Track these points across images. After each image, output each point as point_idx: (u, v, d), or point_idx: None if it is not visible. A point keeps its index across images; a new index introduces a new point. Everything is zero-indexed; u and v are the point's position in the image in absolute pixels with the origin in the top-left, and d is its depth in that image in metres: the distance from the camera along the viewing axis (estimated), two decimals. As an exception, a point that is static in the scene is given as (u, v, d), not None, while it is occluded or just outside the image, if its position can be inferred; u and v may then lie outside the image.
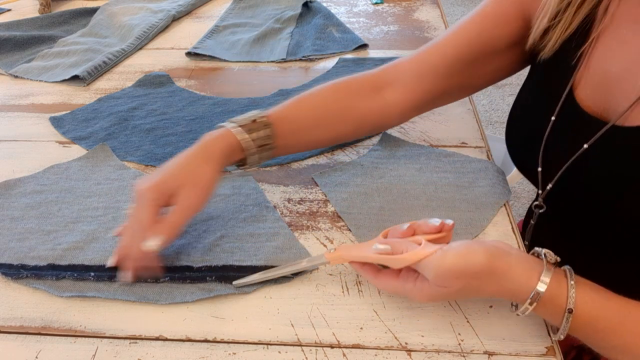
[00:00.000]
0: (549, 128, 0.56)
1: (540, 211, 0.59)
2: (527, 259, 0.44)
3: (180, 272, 0.53)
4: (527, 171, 0.63)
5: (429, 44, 0.65)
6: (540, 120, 0.57)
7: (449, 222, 0.48)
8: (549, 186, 0.57)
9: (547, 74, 0.58)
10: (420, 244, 0.45)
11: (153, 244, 0.48)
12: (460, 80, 0.64)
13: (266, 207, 0.62)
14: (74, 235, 0.58)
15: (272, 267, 0.52)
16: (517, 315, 0.45)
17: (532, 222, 0.63)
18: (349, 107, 0.63)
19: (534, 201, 0.61)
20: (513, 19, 0.58)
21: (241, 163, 0.58)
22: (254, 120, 0.57)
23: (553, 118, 0.56)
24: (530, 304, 0.43)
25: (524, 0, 0.57)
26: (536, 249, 0.46)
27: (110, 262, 0.52)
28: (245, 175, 0.64)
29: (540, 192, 0.59)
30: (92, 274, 0.52)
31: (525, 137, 0.62)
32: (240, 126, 0.56)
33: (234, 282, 0.51)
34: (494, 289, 0.44)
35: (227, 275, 0.52)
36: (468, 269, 0.42)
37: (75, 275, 0.52)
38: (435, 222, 0.47)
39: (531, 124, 0.60)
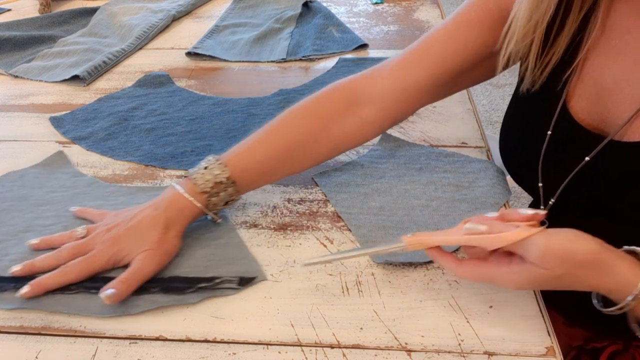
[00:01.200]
0: (545, 143, 0.55)
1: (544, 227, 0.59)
2: (628, 256, 0.43)
3: None
4: (526, 185, 0.62)
5: (412, 50, 0.61)
6: (535, 135, 0.56)
7: (542, 212, 0.45)
8: (551, 201, 0.56)
9: (538, 87, 0.56)
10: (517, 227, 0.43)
11: (112, 296, 0.48)
12: (442, 90, 0.63)
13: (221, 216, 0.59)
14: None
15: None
16: (605, 312, 0.44)
17: None
18: (321, 134, 0.60)
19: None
20: (498, 24, 0.55)
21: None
22: (219, 182, 0.54)
23: (549, 132, 0.55)
24: (634, 299, 0.41)
25: (507, 2, 0.55)
26: (629, 247, 0.44)
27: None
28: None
29: (542, 207, 0.57)
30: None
31: (521, 151, 0.61)
32: (203, 192, 0.54)
33: (303, 262, 0.51)
34: (595, 283, 0.42)
35: (172, 286, 0.50)
36: (575, 254, 0.41)
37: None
38: (528, 211, 0.45)
39: (526, 139, 0.59)
